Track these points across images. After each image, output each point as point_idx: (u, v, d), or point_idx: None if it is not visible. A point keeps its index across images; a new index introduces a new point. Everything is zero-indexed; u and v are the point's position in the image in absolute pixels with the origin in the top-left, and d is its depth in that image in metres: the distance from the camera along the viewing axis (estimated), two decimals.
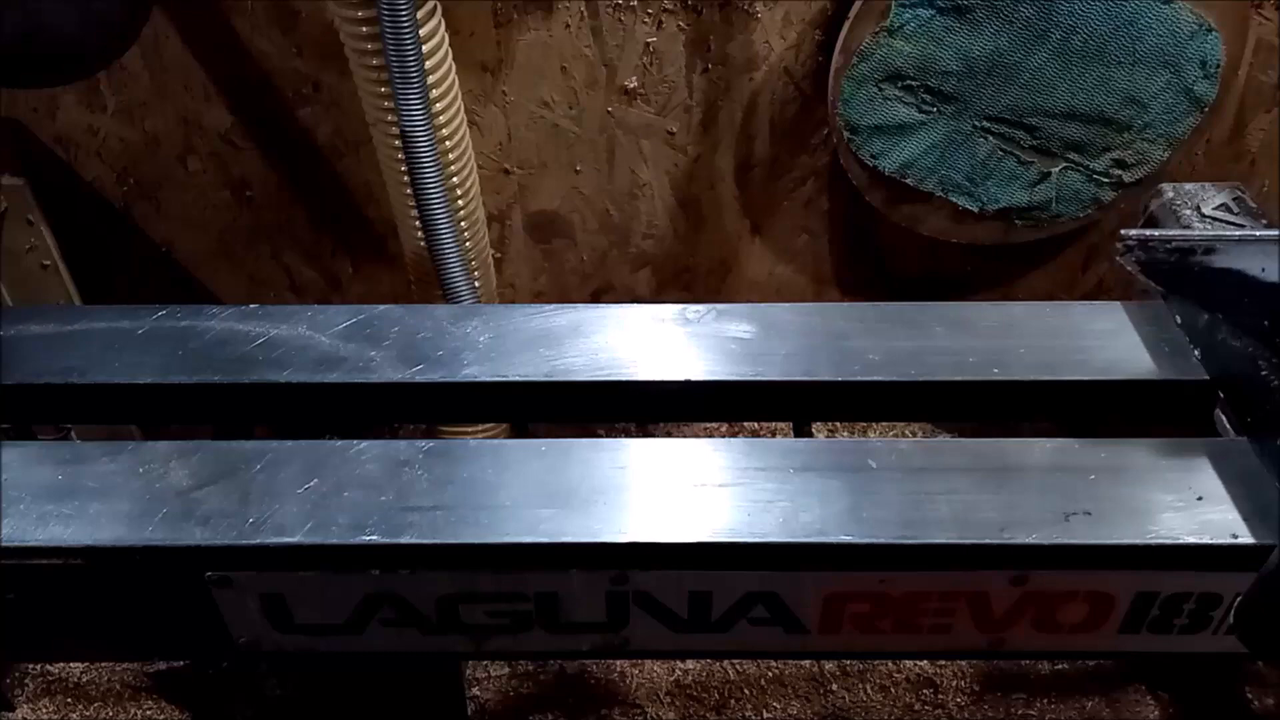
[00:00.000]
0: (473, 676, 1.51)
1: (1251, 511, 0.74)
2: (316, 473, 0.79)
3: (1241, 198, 0.97)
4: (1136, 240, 0.83)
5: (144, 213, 1.61)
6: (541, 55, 1.42)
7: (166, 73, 1.45)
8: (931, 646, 0.82)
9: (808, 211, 1.60)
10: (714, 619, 0.79)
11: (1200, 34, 1.26)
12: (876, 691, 1.50)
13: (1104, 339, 0.91)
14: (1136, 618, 0.78)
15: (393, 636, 0.81)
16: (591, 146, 1.52)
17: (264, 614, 0.79)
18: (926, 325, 0.93)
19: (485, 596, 0.78)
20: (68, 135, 1.52)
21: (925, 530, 0.74)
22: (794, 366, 0.88)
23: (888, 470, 0.79)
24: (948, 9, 1.26)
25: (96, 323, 0.94)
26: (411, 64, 1.17)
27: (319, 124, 1.50)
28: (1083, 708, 1.47)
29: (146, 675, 1.52)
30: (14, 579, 0.77)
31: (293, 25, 1.40)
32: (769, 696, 1.49)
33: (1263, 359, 0.79)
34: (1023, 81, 1.31)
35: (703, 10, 1.37)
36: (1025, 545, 0.73)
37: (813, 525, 0.74)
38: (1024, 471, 0.78)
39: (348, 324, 0.93)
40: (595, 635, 0.81)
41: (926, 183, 1.42)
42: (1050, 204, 1.43)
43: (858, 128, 1.37)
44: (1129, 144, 1.37)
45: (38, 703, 1.51)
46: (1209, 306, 0.86)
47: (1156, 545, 0.72)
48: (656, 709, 1.48)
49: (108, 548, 0.75)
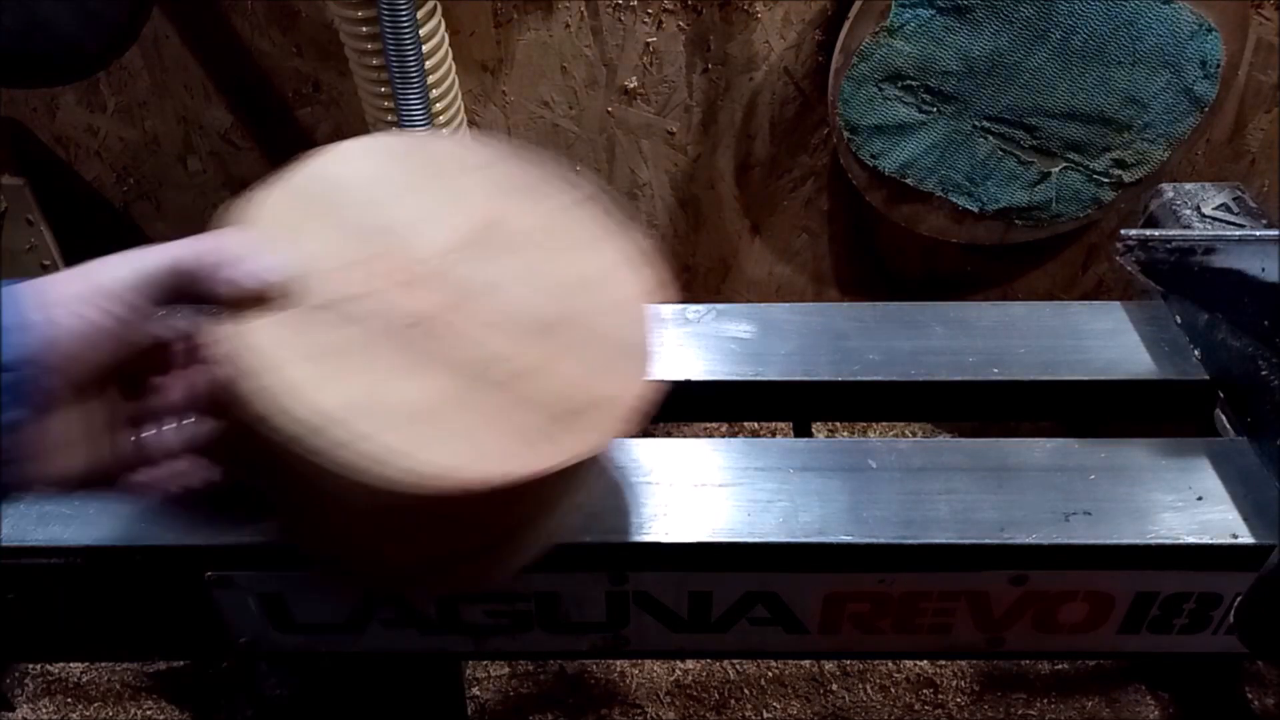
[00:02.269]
0: (473, 676, 1.51)
1: (1251, 511, 0.74)
2: None
3: (1241, 198, 0.97)
4: (1136, 240, 0.83)
5: (144, 213, 1.61)
6: (541, 55, 1.42)
7: (166, 73, 1.45)
8: (931, 646, 0.82)
9: (807, 211, 1.60)
10: (714, 619, 0.79)
11: (1200, 34, 1.26)
12: (876, 691, 1.50)
13: (1104, 339, 0.91)
14: (1136, 618, 0.78)
15: (393, 636, 0.81)
16: (591, 146, 1.52)
17: (264, 614, 0.79)
18: (926, 325, 0.93)
19: (485, 596, 0.78)
20: (68, 135, 1.52)
21: (925, 530, 0.74)
22: (794, 366, 0.88)
23: (887, 470, 0.79)
24: (948, 9, 1.26)
25: None
26: (411, 64, 1.17)
27: (319, 124, 1.50)
28: (1083, 708, 1.47)
29: (146, 675, 1.52)
30: (14, 579, 0.77)
31: (293, 25, 1.40)
32: (769, 696, 1.49)
33: (1263, 359, 0.79)
34: (1023, 81, 1.31)
35: (703, 10, 1.38)
36: (1025, 545, 0.73)
37: (813, 525, 0.74)
38: (1024, 471, 0.78)
39: None
40: (595, 635, 0.81)
41: (926, 183, 1.42)
42: (1050, 204, 1.43)
43: (858, 128, 1.37)
44: (1129, 144, 1.37)
45: (38, 703, 1.51)
46: (1209, 306, 0.86)
47: (1156, 545, 0.72)
48: (656, 709, 1.48)
49: (108, 548, 0.75)
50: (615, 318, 0.64)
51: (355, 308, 0.57)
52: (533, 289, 0.63)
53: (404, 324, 0.58)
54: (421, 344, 0.57)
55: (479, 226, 0.64)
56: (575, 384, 0.59)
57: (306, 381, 0.53)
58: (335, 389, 0.53)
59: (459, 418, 0.55)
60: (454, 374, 0.57)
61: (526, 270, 0.63)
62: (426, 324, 0.58)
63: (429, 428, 0.54)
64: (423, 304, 0.59)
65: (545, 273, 0.64)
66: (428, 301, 0.59)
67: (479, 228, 0.64)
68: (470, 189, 0.66)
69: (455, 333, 0.59)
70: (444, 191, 0.66)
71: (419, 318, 0.58)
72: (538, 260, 0.64)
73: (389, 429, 0.53)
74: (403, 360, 0.56)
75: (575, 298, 0.64)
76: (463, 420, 0.55)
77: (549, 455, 0.55)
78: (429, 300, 0.59)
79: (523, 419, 0.56)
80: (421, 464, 0.52)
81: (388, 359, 0.56)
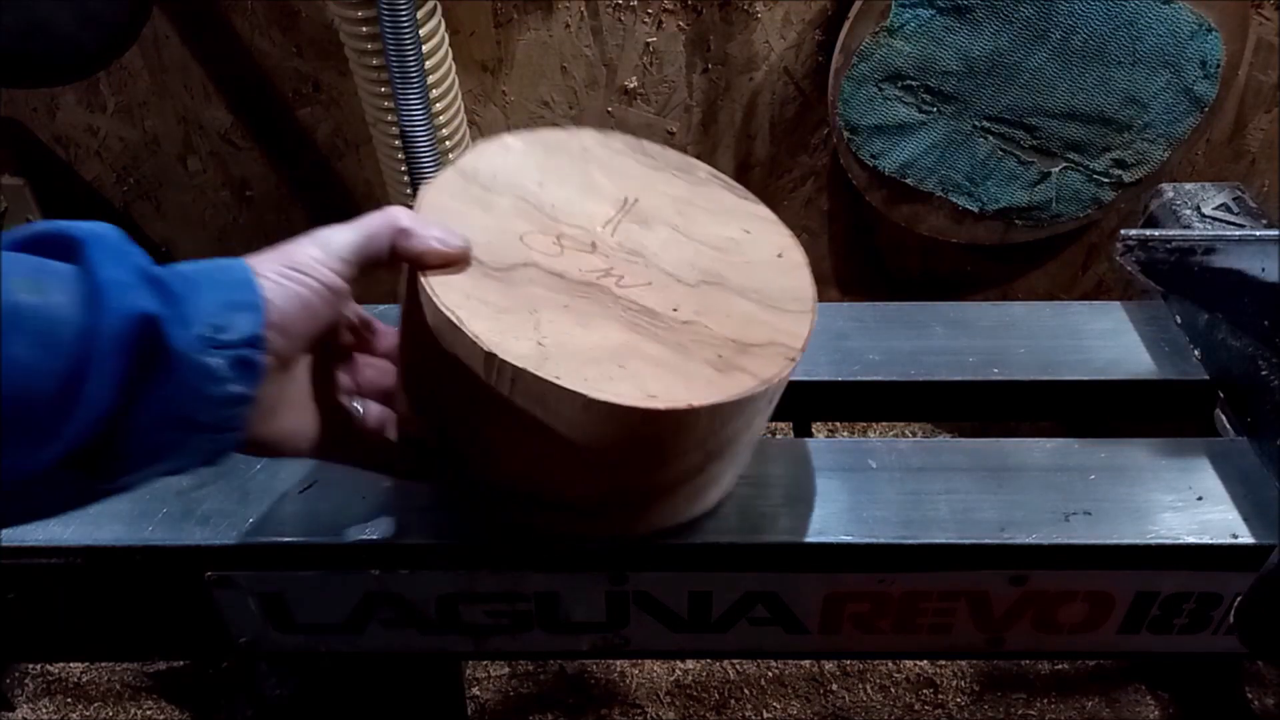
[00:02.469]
0: (473, 676, 1.51)
1: (1251, 511, 0.74)
2: (316, 473, 0.79)
3: (1241, 198, 0.97)
4: (1136, 240, 0.83)
5: (144, 212, 1.61)
6: (541, 55, 1.42)
7: (166, 73, 1.45)
8: (931, 646, 0.82)
9: (807, 211, 1.60)
10: (714, 619, 0.79)
11: (1200, 34, 1.26)
12: (876, 691, 1.50)
13: (1104, 339, 0.91)
14: (1136, 618, 0.78)
15: (393, 636, 0.81)
16: None
17: (264, 614, 0.79)
18: (926, 325, 0.93)
19: (485, 596, 0.78)
20: (68, 135, 1.52)
21: (925, 530, 0.74)
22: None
23: (887, 470, 0.79)
24: (948, 9, 1.26)
25: None
26: (411, 64, 1.17)
27: (319, 124, 1.50)
28: (1083, 708, 1.47)
29: (146, 675, 1.52)
30: (14, 579, 0.77)
31: (293, 25, 1.40)
32: (769, 696, 1.49)
33: (1263, 359, 0.79)
34: (1023, 81, 1.31)
35: (703, 10, 1.38)
36: (1025, 545, 0.73)
37: (813, 525, 0.74)
38: (1024, 471, 0.78)
39: None
40: (595, 635, 0.81)
41: (926, 183, 1.42)
42: (1050, 204, 1.43)
43: (858, 128, 1.37)
44: (1129, 144, 1.37)
45: (38, 703, 1.51)
46: (1209, 306, 0.86)
47: (1156, 545, 0.72)
48: (656, 709, 1.48)
49: (108, 548, 0.75)
50: (765, 269, 0.70)
51: (521, 274, 0.64)
52: (681, 252, 0.70)
53: (568, 288, 0.64)
54: (587, 305, 0.64)
55: (624, 203, 0.72)
56: (742, 325, 0.65)
57: (498, 333, 0.59)
58: (523, 340, 0.59)
59: (645, 359, 0.61)
60: (626, 327, 0.63)
61: (672, 237, 0.71)
62: (587, 288, 0.65)
63: (619, 367, 0.60)
64: (582, 270, 0.66)
65: (690, 238, 0.71)
66: (587, 266, 0.66)
67: (624, 204, 0.72)
68: (615, 172, 0.75)
69: (617, 294, 0.65)
70: (592, 175, 0.74)
71: (580, 282, 0.65)
72: (682, 227, 0.72)
73: (584, 368, 0.59)
74: (575, 317, 0.62)
75: (723, 256, 0.71)
76: (649, 360, 0.61)
77: (740, 382, 0.61)
78: (588, 265, 0.67)
79: (703, 355, 0.62)
80: (623, 395, 0.58)
81: (562, 317, 0.62)
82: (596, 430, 0.60)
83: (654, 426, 0.59)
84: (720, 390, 0.60)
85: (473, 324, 0.59)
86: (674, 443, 0.62)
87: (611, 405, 0.58)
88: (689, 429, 0.61)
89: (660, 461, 0.64)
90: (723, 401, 0.60)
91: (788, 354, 0.64)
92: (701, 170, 0.79)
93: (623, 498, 0.68)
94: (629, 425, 0.59)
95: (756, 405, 0.64)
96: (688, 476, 0.67)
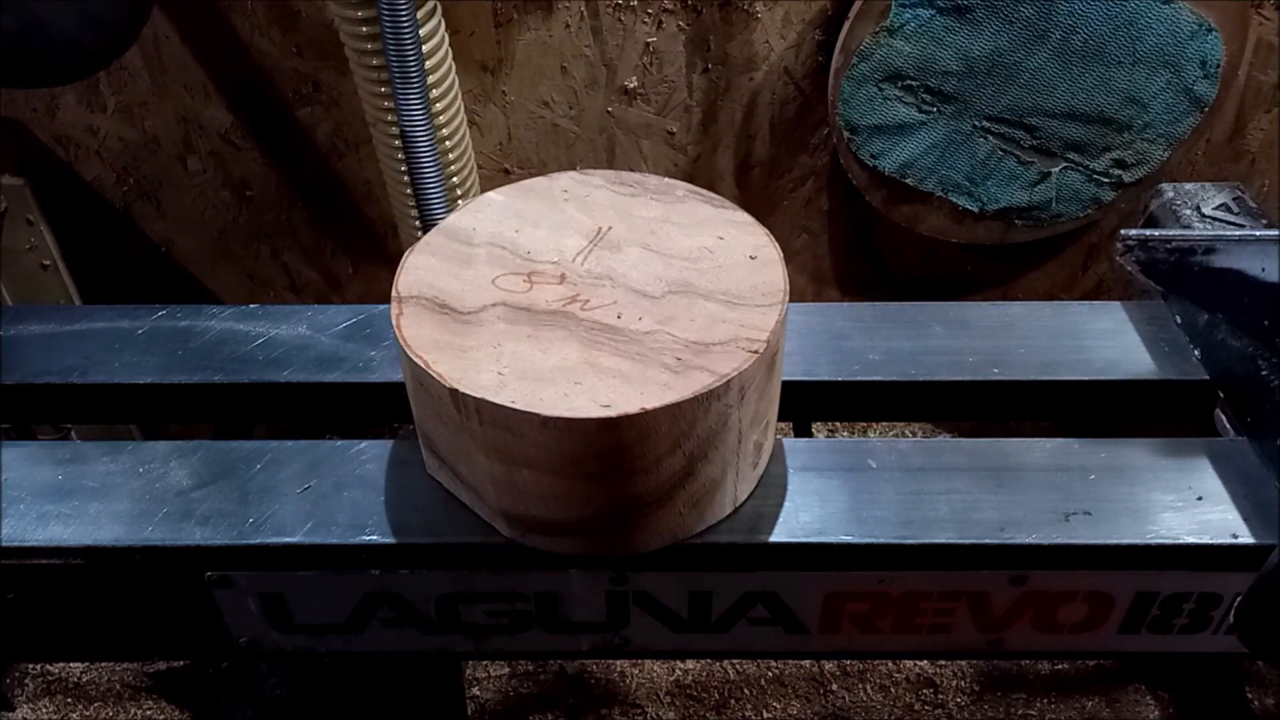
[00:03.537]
0: (473, 676, 1.51)
1: (1251, 511, 0.74)
2: (316, 473, 0.79)
3: (1241, 198, 0.97)
4: (1136, 240, 0.83)
5: (144, 212, 1.61)
6: (541, 55, 1.42)
7: (166, 73, 1.45)
8: (931, 646, 0.82)
9: (807, 211, 1.60)
10: (714, 619, 0.79)
11: (1200, 34, 1.26)
12: (876, 691, 1.50)
13: (1104, 339, 0.91)
14: (1136, 618, 0.78)
15: (393, 636, 0.81)
16: (591, 146, 1.52)
17: (264, 614, 0.79)
18: (926, 325, 0.93)
19: (485, 596, 0.78)
20: (68, 135, 1.52)
21: (925, 530, 0.74)
22: (794, 366, 0.88)
23: (887, 470, 0.79)
24: (948, 9, 1.26)
25: (96, 322, 0.94)
26: (411, 64, 1.17)
27: (319, 124, 1.50)
28: (1083, 708, 1.47)
29: (146, 675, 1.52)
30: (14, 579, 0.77)
31: (293, 25, 1.40)
32: (769, 696, 1.49)
33: (1263, 359, 0.79)
34: (1023, 81, 1.31)
35: (703, 10, 1.38)
36: (1025, 545, 0.73)
37: (813, 525, 0.74)
38: (1024, 471, 0.78)
39: (347, 324, 0.93)
40: (595, 635, 0.81)
41: (926, 183, 1.42)
42: (1050, 204, 1.43)
43: (858, 128, 1.37)
44: (1129, 144, 1.37)
45: (38, 703, 1.51)
46: (1209, 306, 0.86)
47: (1156, 545, 0.72)
48: (656, 709, 1.48)
49: (108, 548, 0.75)
50: (737, 271, 0.75)
51: (488, 314, 0.70)
52: (650, 268, 0.74)
53: (533, 319, 0.70)
54: (550, 331, 0.68)
55: (597, 233, 0.78)
56: (706, 327, 0.69)
57: (461, 370, 0.65)
58: (485, 373, 0.65)
59: (602, 372, 0.65)
60: (585, 345, 0.67)
61: (642, 256, 0.75)
62: (553, 316, 0.70)
63: (575, 384, 0.64)
64: (549, 301, 0.71)
65: (661, 253, 0.76)
66: (554, 297, 0.72)
67: (597, 234, 0.78)
68: (591, 205, 0.81)
69: (580, 317, 0.70)
70: (567, 213, 0.80)
71: (546, 312, 0.70)
72: (654, 245, 0.77)
73: (540, 390, 0.64)
74: (537, 344, 0.67)
75: (693, 265, 0.75)
76: (606, 373, 0.65)
77: (697, 380, 0.64)
78: (555, 296, 0.72)
79: (661, 361, 0.66)
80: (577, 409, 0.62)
81: (524, 346, 0.67)
82: (561, 447, 0.64)
83: (613, 434, 0.63)
84: (675, 391, 0.63)
85: (438, 365, 0.65)
86: (641, 449, 0.65)
87: (567, 420, 0.62)
88: (651, 433, 0.64)
89: (634, 469, 0.66)
90: (678, 401, 0.63)
91: (750, 347, 0.67)
92: (680, 189, 0.83)
93: (616, 512, 0.69)
94: (588, 437, 0.63)
95: (724, 401, 0.66)
96: (676, 482, 0.68)
